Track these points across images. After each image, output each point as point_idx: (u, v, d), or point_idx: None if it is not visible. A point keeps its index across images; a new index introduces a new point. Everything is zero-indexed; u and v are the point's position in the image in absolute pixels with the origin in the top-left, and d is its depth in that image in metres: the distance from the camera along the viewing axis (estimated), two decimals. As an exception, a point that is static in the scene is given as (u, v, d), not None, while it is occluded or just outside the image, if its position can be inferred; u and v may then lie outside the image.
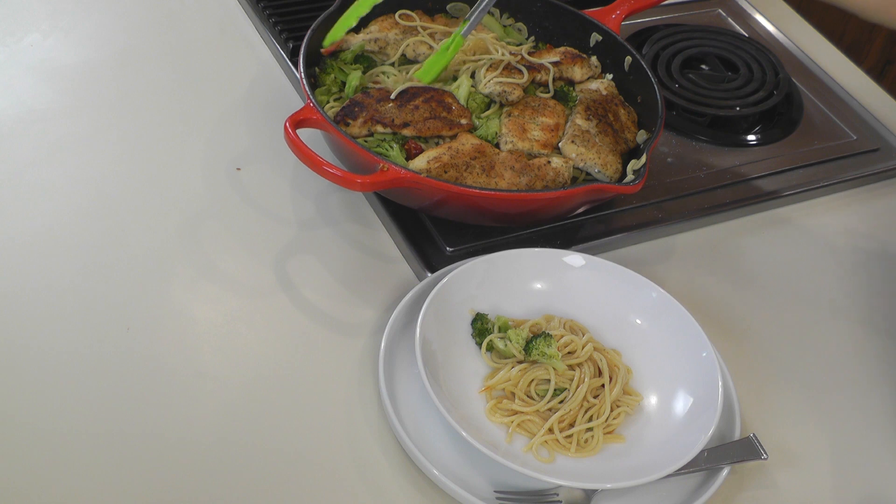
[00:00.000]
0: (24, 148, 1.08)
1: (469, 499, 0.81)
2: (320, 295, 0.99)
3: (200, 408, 0.87)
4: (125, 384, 0.87)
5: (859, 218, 1.20)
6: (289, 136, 0.95)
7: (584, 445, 0.87)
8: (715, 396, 0.87)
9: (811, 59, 1.41)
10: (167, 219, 1.03)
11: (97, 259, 0.98)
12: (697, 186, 1.17)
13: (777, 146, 1.26)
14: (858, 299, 1.10)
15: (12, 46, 1.21)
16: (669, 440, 0.87)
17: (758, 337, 1.03)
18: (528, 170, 1.02)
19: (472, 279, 0.95)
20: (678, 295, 0.96)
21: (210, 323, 0.94)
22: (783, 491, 0.89)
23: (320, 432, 0.87)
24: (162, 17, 1.31)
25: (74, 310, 0.93)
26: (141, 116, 1.15)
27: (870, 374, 1.02)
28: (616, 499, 0.84)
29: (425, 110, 1.05)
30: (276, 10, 1.29)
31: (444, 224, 1.05)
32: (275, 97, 1.20)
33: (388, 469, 0.85)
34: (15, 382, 0.86)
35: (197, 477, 0.82)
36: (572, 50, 1.20)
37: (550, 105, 1.11)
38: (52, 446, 0.82)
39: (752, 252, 1.13)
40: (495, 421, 0.88)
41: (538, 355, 0.91)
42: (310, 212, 1.07)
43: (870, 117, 1.32)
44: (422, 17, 1.20)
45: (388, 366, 0.89)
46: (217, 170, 1.09)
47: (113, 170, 1.08)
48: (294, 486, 0.83)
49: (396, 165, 0.95)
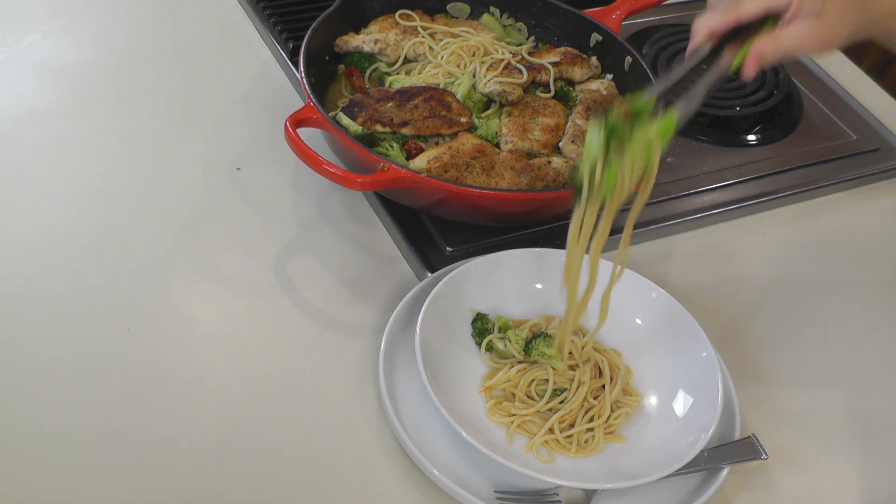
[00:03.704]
0: (24, 148, 1.08)
1: (469, 499, 0.81)
2: (320, 295, 0.99)
3: (200, 408, 0.87)
4: (125, 384, 0.87)
5: (859, 218, 1.20)
6: (289, 135, 0.95)
7: (585, 446, 0.87)
8: (715, 396, 0.87)
9: (811, 59, 1.42)
10: (167, 219, 1.03)
11: (97, 259, 0.98)
12: (697, 186, 1.17)
13: (777, 146, 1.26)
14: (859, 299, 1.10)
15: (12, 46, 1.21)
16: (669, 440, 0.86)
17: (758, 337, 1.03)
18: (529, 170, 1.03)
19: (472, 279, 0.95)
20: (678, 295, 0.96)
21: (210, 323, 0.94)
22: (783, 491, 0.89)
23: (320, 432, 0.87)
24: (162, 17, 1.31)
25: (74, 310, 0.93)
26: (141, 116, 1.15)
27: (870, 374, 1.02)
28: (616, 499, 0.84)
29: (425, 109, 1.05)
30: (276, 10, 1.29)
31: (444, 224, 1.05)
32: (275, 97, 1.20)
33: (388, 469, 0.85)
34: (15, 382, 0.86)
35: (197, 477, 0.82)
36: (572, 50, 1.20)
37: (551, 105, 1.11)
38: (53, 446, 0.82)
39: (752, 252, 1.13)
40: (495, 421, 0.88)
41: (538, 356, 0.91)
42: (310, 212, 1.07)
43: (870, 117, 1.32)
44: (422, 16, 1.20)
45: (388, 366, 0.89)
46: (217, 170, 1.09)
47: (113, 170, 1.08)
48: (294, 485, 0.83)
49: (397, 165, 0.95)
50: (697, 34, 0.90)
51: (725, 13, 0.89)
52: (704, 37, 0.90)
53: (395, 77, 1.14)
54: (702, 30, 0.90)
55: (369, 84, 1.15)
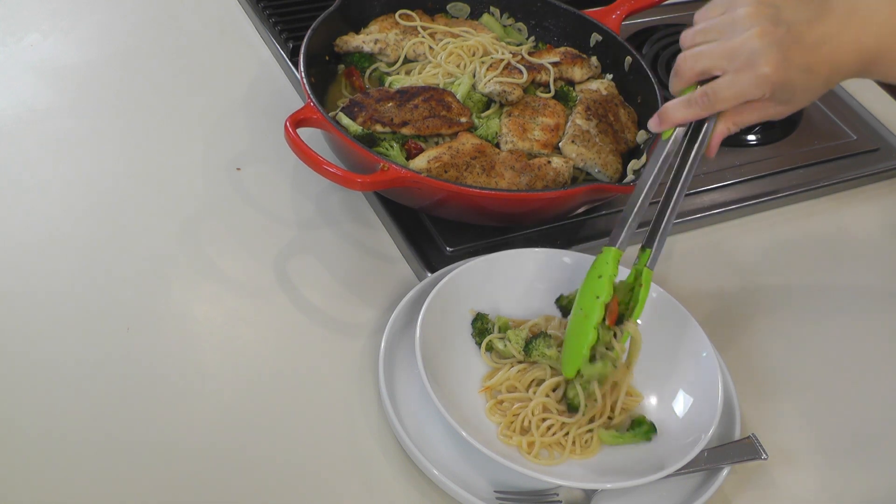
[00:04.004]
0: (24, 148, 1.08)
1: (469, 499, 0.80)
2: (320, 295, 0.99)
3: (200, 408, 0.87)
4: (125, 384, 0.87)
5: (859, 218, 1.20)
6: (289, 135, 0.95)
7: (585, 446, 0.87)
8: (715, 396, 0.87)
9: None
10: (167, 219, 1.03)
11: (97, 259, 0.98)
12: (697, 186, 1.17)
13: (777, 146, 1.26)
14: (859, 299, 1.10)
15: (12, 46, 1.21)
16: (669, 440, 0.87)
17: (758, 337, 1.03)
18: (529, 170, 1.02)
19: (471, 279, 0.95)
20: (678, 295, 0.96)
21: (210, 323, 0.94)
22: (783, 491, 0.89)
23: (320, 432, 0.87)
24: (162, 17, 1.31)
25: (74, 310, 0.93)
26: (141, 116, 1.15)
27: (870, 374, 1.02)
28: (616, 499, 0.84)
29: (425, 109, 1.05)
30: (276, 10, 1.29)
31: (444, 224, 1.05)
32: (275, 97, 1.20)
33: (388, 469, 0.85)
34: (14, 382, 0.86)
35: (196, 477, 0.82)
36: (572, 50, 1.20)
37: (551, 105, 1.11)
38: (52, 446, 0.82)
39: (752, 252, 1.13)
40: (495, 421, 0.88)
41: (538, 356, 0.91)
42: (310, 212, 1.07)
43: (870, 117, 1.32)
44: (422, 16, 1.20)
45: (388, 366, 0.89)
46: (217, 170, 1.09)
47: (113, 170, 1.08)
48: (294, 486, 0.83)
49: (397, 165, 0.95)
50: (668, 122, 0.90)
51: (701, 107, 0.88)
52: (673, 126, 0.91)
53: (395, 77, 1.14)
54: (673, 120, 0.90)
55: (369, 84, 1.15)
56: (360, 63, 1.15)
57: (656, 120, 0.92)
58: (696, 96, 0.88)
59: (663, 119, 0.91)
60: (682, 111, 0.89)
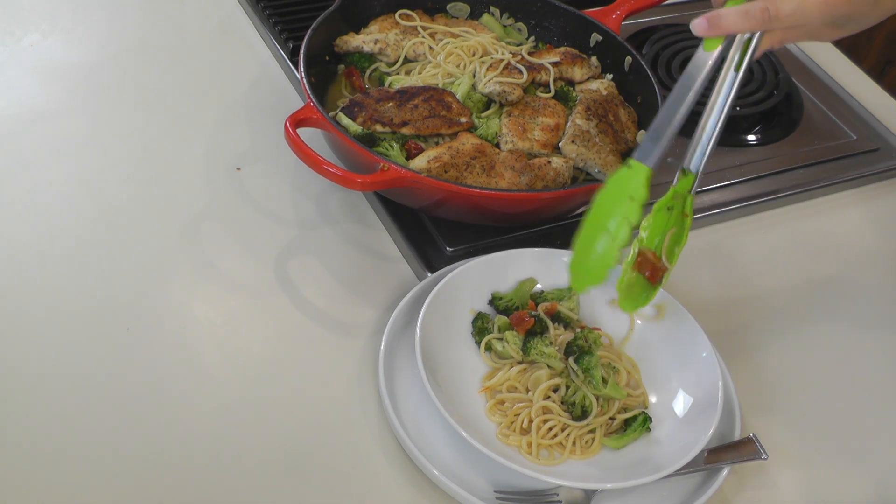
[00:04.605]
0: (24, 148, 1.08)
1: (469, 499, 0.81)
2: (320, 295, 0.99)
3: (200, 407, 0.87)
4: (125, 383, 0.87)
5: (859, 218, 1.20)
6: (289, 135, 0.95)
7: (585, 446, 0.87)
8: (715, 396, 0.87)
9: (811, 58, 1.42)
10: (167, 218, 1.03)
11: (97, 259, 0.98)
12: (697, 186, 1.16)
13: (777, 146, 1.26)
14: (858, 299, 1.10)
15: (12, 46, 1.21)
16: (669, 440, 0.87)
17: (758, 337, 1.03)
18: (529, 170, 1.02)
19: (472, 279, 0.95)
20: (678, 295, 0.96)
21: (210, 323, 0.94)
22: (783, 491, 0.89)
23: (320, 432, 0.87)
24: (162, 17, 1.31)
25: (74, 310, 0.93)
26: (141, 116, 1.15)
27: (870, 374, 1.02)
28: (616, 499, 0.84)
29: (424, 109, 1.05)
30: (276, 10, 1.29)
31: (444, 224, 1.05)
32: (275, 97, 1.20)
33: (388, 469, 0.85)
34: (14, 382, 0.86)
35: (196, 477, 0.82)
36: (572, 50, 1.20)
37: (551, 105, 1.11)
38: (53, 446, 0.82)
39: (752, 252, 1.13)
40: (495, 421, 0.88)
41: (536, 354, 0.91)
42: (310, 212, 1.07)
43: (870, 117, 1.32)
44: (422, 16, 1.20)
45: (388, 366, 0.89)
46: (217, 170, 1.09)
47: (113, 170, 1.08)
48: (294, 485, 0.83)
49: (397, 165, 0.95)
50: (718, 29, 0.82)
51: (758, 21, 0.81)
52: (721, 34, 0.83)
53: (395, 77, 1.14)
54: (725, 28, 0.82)
55: (369, 84, 1.15)
56: (360, 63, 1.15)
57: (704, 24, 0.83)
58: (755, 9, 0.81)
59: (713, 25, 0.82)
60: (738, 21, 0.81)
